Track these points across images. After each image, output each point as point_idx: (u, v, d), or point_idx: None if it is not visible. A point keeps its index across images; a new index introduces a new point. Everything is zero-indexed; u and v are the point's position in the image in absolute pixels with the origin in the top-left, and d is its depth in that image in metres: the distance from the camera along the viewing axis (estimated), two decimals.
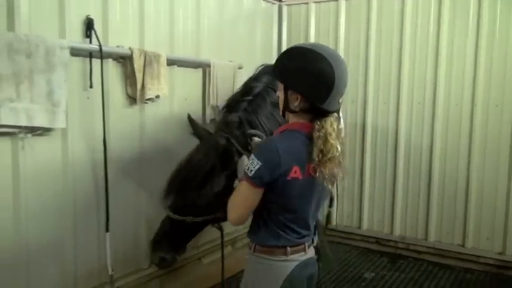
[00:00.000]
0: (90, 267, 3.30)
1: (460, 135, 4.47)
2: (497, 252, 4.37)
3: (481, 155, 4.39)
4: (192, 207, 2.25)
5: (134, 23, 3.46)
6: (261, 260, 1.95)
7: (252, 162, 1.79)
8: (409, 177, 4.79)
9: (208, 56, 4.16)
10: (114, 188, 3.39)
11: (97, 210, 3.29)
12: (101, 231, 3.29)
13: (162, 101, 3.67)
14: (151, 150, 3.71)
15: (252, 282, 1.99)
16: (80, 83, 3.11)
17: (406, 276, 4.35)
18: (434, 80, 4.56)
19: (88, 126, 3.19)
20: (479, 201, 4.44)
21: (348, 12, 5.00)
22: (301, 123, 1.89)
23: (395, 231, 4.88)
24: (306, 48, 1.85)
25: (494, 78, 4.27)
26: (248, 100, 2.70)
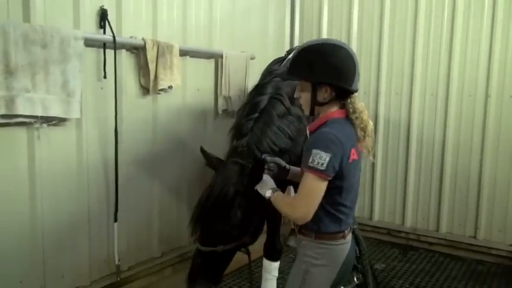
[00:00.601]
0: (103, 256, 3.34)
1: (473, 126, 4.43)
2: (510, 244, 4.35)
3: (494, 146, 4.35)
4: (221, 236, 2.26)
5: (147, 14, 3.47)
6: (323, 245, 2.04)
7: (319, 157, 1.86)
8: (421, 168, 4.76)
9: (220, 46, 4.15)
10: (127, 178, 3.43)
11: (109, 199, 3.33)
12: (112, 220, 3.33)
13: (174, 92, 3.68)
14: (164, 140, 3.73)
15: (313, 266, 2.04)
16: (94, 74, 3.14)
17: (417, 267, 4.34)
18: (447, 71, 4.50)
19: (102, 116, 3.22)
20: (491, 193, 4.40)
21: (361, 3, 4.95)
22: (336, 111, 2.03)
23: (406, 222, 4.87)
24: (320, 44, 1.99)
25: (508, 69, 4.21)
26: (254, 119, 2.65)
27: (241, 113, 2.86)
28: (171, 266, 3.91)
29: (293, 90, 2.75)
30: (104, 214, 3.31)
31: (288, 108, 2.67)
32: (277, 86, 2.78)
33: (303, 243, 2.08)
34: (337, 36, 5.09)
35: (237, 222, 2.23)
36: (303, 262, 2.08)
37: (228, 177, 2.27)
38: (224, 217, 2.22)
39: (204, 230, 2.25)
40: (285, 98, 2.71)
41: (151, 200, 3.69)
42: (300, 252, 2.12)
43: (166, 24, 3.62)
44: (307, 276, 2.04)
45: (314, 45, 2.00)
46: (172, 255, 3.91)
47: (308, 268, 2.05)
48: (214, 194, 2.22)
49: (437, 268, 4.33)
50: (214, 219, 2.21)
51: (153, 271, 3.74)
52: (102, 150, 3.25)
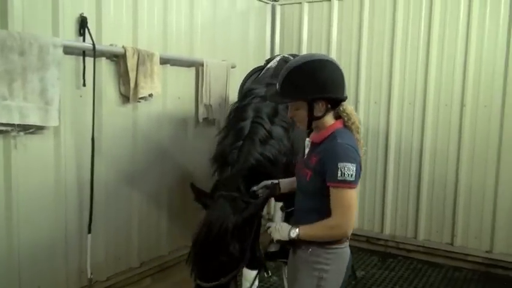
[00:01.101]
0: (80, 267, 3.28)
1: (450, 135, 4.52)
2: (485, 250, 4.43)
3: (469, 155, 4.44)
4: (222, 269, 2.25)
5: (128, 22, 3.46)
6: (331, 250, 2.06)
7: (347, 169, 1.93)
8: (399, 177, 4.83)
9: (201, 55, 4.16)
10: (106, 187, 3.39)
11: (83, 209, 3.27)
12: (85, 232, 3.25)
13: (155, 100, 3.67)
14: (144, 148, 3.71)
15: (326, 272, 2.06)
16: (73, 81, 3.11)
17: (396, 274, 4.39)
18: (424, 81, 4.60)
19: (81, 125, 3.18)
20: (467, 200, 4.49)
21: (341, 12, 5.02)
22: (336, 122, 2.10)
23: (385, 230, 4.93)
24: (306, 62, 2.01)
25: (483, 80, 4.32)
26: (238, 148, 2.66)
27: (223, 139, 2.83)
28: (150, 276, 3.88)
29: (273, 110, 2.79)
30: (81, 225, 3.26)
31: (269, 131, 2.70)
32: (257, 108, 2.79)
33: (310, 250, 2.07)
34: (316, 46, 5.16)
35: (237, 254, 2.24)
36: (314, 270, 2.07)
37: (223, 213, 2.27)
38: (225, 252, 2.22)
39: (205, 267, 2.24)
40: (265, 121, 2.73)
41: (131, 209, 3.66)
42: (308, 260, 2.09)
43: (146, 33, 3.61)
44: (322, 282, 2.06)
45: (300, 64, 2.02)
46: (152, 265, 3.88)
47: (322, 275, 2.06)
48: (214, 231, 2.21)
49: (415, 275, 4.38)
50: (215, 256, 2.21)
51: (132, 281, 3.70)
52: (80, 159, 3.21)
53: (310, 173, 2.05)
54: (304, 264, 2.10)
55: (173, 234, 4.08)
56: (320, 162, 2.01)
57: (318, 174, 2.01)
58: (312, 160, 2.06)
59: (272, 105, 2.82)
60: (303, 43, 5.24)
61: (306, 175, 2.07)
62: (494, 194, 4.35)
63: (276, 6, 5.36)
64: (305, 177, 2.08)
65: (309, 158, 2.10)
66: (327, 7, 5.08)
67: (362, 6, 4.86)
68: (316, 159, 2.03)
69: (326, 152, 2.01)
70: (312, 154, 2.10)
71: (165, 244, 4.02)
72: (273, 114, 2.81)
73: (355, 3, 4.92)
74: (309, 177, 2.05)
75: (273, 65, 3.40)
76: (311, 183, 2.05)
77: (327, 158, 1.99)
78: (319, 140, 2.09)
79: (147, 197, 3.80)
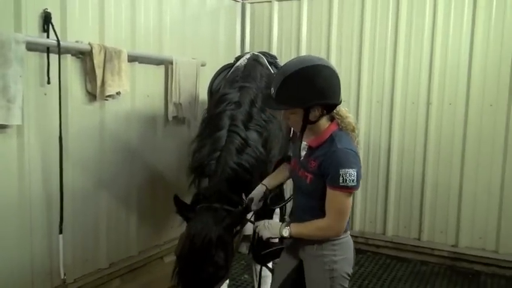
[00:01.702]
0: (47, 268, 3.20)
1: (416, 133, 4.62)
2: (451, 245, 4.55)
3: (435, 152, 4.56)
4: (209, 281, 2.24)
5: (94, 18, 3.39)
6: (336, 241, 2.12)
7: (348, 175, 1.96)
8: (367, 174, 4.90)
9: (170, 52, 4.12)
10: (73, 187, 3.32)
11: (53, 210, 3.20)
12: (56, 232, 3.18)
13: (123, 98, 3.62)
14: (112, 147, 3.65)
15: (335, 262, 2.12)
16: (37, 79, 3.03)
17: (365, 270, 4.46)
18: (392, 79, 4.68)
19: (45, 123, 3.10)
20: (433, 196, 4.60)
21: (310, 11, 5.06)
22: (331, 124, 2.10)
23: (355, 226, 4.99)
24: (302, 68, 1.97)
25: (448, 78, 4.44)
26: (216, 158, 2.65)
27: (199, 149, 2.79)
28: (119, 277, 3.82)
29: (247, 115, 2.81)
30: (48, 225, 3.18)
31: (245, 139, 2.70)
32: (232, 116, 2.78)
33: (316, 245, 2.13)
34: (286, 43, 5.20)
35: (222, 263, 2.25)
36: (324, 264, 2.12)
37: (206, 225, 2.26)
38: (210, 263, 2.21)
39: (192, 279, 2.22)
40: (241, 129, 2.73)
41: (98, 210, 3.59)
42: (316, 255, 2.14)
43: (114, 29, 3.55)
44: (334, 274, 2.12)
45: (297, 70, 1.97)
46: (121, 266, 3.82)
47: (332, 266, 2.12)
48: (197, 244, 2.21)
49: (384, 270, 4.46)
50: (200, 268, 2.20)
51: (101, 283, 3.64)
52: (45, 159, 3.12)
53: (310, 176, 2.09)
54: (313, 261, 2.16)
55: (143, 235, 4.04)
56: (321, 167, 2.04)
57: (320, 178, 2.05)
58: (311, 164, 2.08)
59: (247, 110, 2.85)
60: (273, 41, 5.25)
61: (306, 178, 2.11)
62: (459, 190, 4.46)
63: (246, 5, 5.36)
64: (305, 180, 2.12)
65: (307, 162, 2.12)
66: (297, 6, 5.11)
67: (331, 6, 4.91)
68: (316, 164, 2.06)
69: (326, 158, 2.02)
70: (310, 158, 2.11)
71: (135, 244, 3.96)
72: (247, 120, 2.82)
73: (324, 2, 4.96)
74: (309, 180, 2.09)
75: (243, 63, 3.39)
76: (313, 186, 2.09)
77: (328, 164, 2.00)
78: (317, 144, 2.10)
79: (116, 197, 3.74)
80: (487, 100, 4.29)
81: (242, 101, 2.88)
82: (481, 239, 4.42)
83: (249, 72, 3.22)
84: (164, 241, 4.29)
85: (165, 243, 4.29)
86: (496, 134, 4.28)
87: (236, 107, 2.85)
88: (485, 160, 4.34)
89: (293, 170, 2.26)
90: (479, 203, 4.40)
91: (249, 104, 2.90)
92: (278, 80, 2.02)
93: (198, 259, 2.20)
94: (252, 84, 3.07)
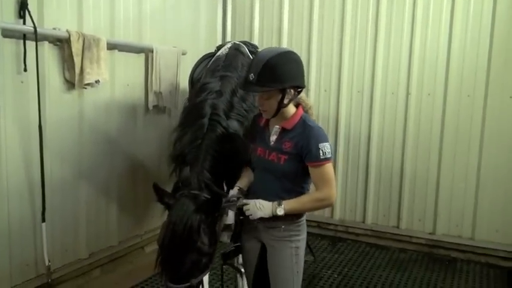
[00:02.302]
0: (26, 258, 3.17)
1: (396, 123, 4.69)
2: (428, 232, 4.65)
3: (414, 142, 4.63)
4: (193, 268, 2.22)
5: (72, 5, 3.33)
6: (300, 221, 2.33)
7: (326, 147, 2.19)
8: (348, 163, 4.96)
9: (150, 41, 4.08)
10: (51, 178, 3.27)
11: (33, 199, 3.16)
12: (37, 221, 3.17)
13: (102, 87, 3.57)
14: (92, 137, 3.60)
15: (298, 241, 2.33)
16: (14, 66, 2.96)
17: (345, 257, 4.53)
18: (372, 70, 4.73)
19: (22, 111, 3.05)
20: (412, 185, 4.69)
21: (291, 2, 5.05)
22: (297, 109, 2.31)
23: (335, 215, 5.06)
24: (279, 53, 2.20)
25: (427, 69, 4.51)
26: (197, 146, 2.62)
27: (180, 138, 2.76)
28: (99, 266, 3.80)
29: (229, 104, 2.83)
30: (27, 215, 3.14)
31: (225, 127, 2.72)
32: (213, 105, 2.78)
33: (283, 227, 2.28)
34: (268, 32, 5.20)
35: (206, 249, 2.25)
36: (291, 242, 2.30)
37: (186, 211, 2.25)
38: (193, 250, 2.21)
39: (175, 268, 2.21)
40: (223, 118, 2.74)
41: (78, 200, 3.55)
42: (283, 236, 2.29)
43: (92, 16, 3.49)
44: (298, 252, 2.32)
45: (276, 55, 2.18)
46: (101, 256, 3.80)
47: (297, 245, 2.32)
48: (179, 231, 2.19)
49: (363, 258, 4.54)
50: (184, 256, 2.19)
51: (81, 272, 3.62)
52: (23, 148, 3.07)
53: (284, 157, 2.24)
54: (281, 241, 2.30)
55: (123, 224, 4.01)
56: (297, 145, 2.21)
57: (294, 157, 2.22)
58: (286, 145, 2.24)
59: (228, 100, 2.85)
60: (254, 31, 5.24)
61: (280, 159, 2.25)
62: (437, 179, 4.56)
63: None
64: (278, 162, 2.25)
65: (281, 144, 2.26)
66: None
67: None
68: (291, 144, 2.23)
69: (303, 136, 2.22)
70: (284, 140, 2.26)
71: (115, 234, 3.94)
72: (228, 109, 2.82)
73: None
74: (283, 161, 2.24)
75: (224, 52, 3.38)
76: (286, 166, 2.24)
77: (307, 142, 2.20)
78: (291, 126, 2.28)
79: (96, 187, 3.70)
80: (465, 91, 4.37)
81: (223, 90, 2.87)
82: (458, 227, 4.53)
83: (230, 62, 3.21)
84: (145, 231, 4.27)
85: (146, 233, 4.27)
86: (473, 124, 4.37)
87: (217, 96, 2.85)
88: (462, 150, 4.43)
89: (259, 157, 2.34)
90: (456, 192, 4.50)
91: (230, 93, 2.90)
92: (257, 65, 2.18)
93: (180, 246, 2.19)
94: (233, 73, 3.07)
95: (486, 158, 4.34)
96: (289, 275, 2.30)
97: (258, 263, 2.41)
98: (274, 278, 2.32)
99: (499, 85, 4.23)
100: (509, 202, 4.28)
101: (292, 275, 2.30)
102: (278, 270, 2.31)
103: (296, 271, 2.31)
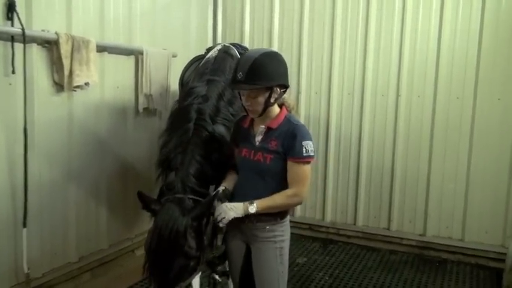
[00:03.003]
0: (9, 264, 3.10)
1: (386, 125, 4.71)
2: (419, 233, 4.67)
3: (404, 143, 4.66)
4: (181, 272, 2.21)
5: (61, 6, 3.30)
6: (283, 222, 2.36)
7: (309, 145, 2.24)
8: (339, 166, 4.97)
9: (140, 43, 4.06)
10: (40, 181, 3.24)
11: (17, 204, 3.10)
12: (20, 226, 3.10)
13: (92, 89, 3.54)
14: (81, 140, 3.58)
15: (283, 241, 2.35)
16: (1, 68, 2.93)
17: (336, 259, 4.53)
18: (362, 72, 4.75)
19: (10, 114, 3.01)
20: (402, 187, 4.71)
21: (282, 2, 5.06)
22: (282, 109, 2.36)
23: (326, 217, 5.06)
24: (266, 53, 2.26)
25: (416, 72, 4.53)
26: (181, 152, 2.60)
27: (166, 143, 2.75)
28: (89, 270, 3.77)
29: (215, 109, 2.82)
30: (10, 220, 3.08)
31: (211, 132, 2.71)
32: (199, 109, 2.76)
33: (268, 228, 2.30)
34: (258, 35, 5.20)
35: (193, 253, 2.24)
36: (275, 243, 2.33)
37: (172, 216, 2.24)
38: (181, 254, 2.20)
39: (163, 273, 2.20)
40: (208, 123, 2.72)
41: (67, 203, 3.52)
42: (267, 236, 2.32)
43: (82, 18, 3.47)
44: (282, 252, 2.34)
45: (263, 54, 2.23)
46: (91, 260, 3.77)
47: (281, 245, 2.34)
48: (165, 236, 2.18)
49: (354, 260, 4.54)
50: (171, 260, 2.18)
51: (70, 277, 3.58)
52: (8, 151, 3.03)
53: (270, 156, 2.27)
54: (265, 242, 2.32)
55: (113, 227, 3.98)
56: (284, 143, 2.25)
57: (280, 156, 2.25)
58: (272, 144, 2.28)
59: (214, 104, 2.84)
60: (245, 32, 5.23)
61: (266, 159, 2.27)
62: (427, 181, 4.58)
63: None
64: (264, 161, 2.28)
65: (267, 143, 2.29)
66: None
67: None
68: (278, 142, 2.26)
69: (288, 134, 2.26)
70: (270, 139, 2.29)
71: (105, 237, 3.91)
72: (214, 114, 2.81)
73: None
74: (269, 160, 2.27)
75: (213, 54, 3.37)
76: (272, 165, 2.27)
77: (291, 139, 2.24)
78: (276, 125, 2.31)
79: (85, 190, 3.67)
80: (454, 93, 4.40)
81: (209, 95, 2.86)
82: (448, 228, 4.55)
83: (219, 65, 3.20)
84: (135, 234, 4.24)
85: (136, 236, 4.24)
86: (462, 126, 4.40)
87: (203, 100, 2.83)
88: (452, 151, 4.46)
89: (244, 158, 2.36)
90: (446, 193, 4.52)
91: (217, 97, 2.88)
92: (245, 65, 2.22)
93: (166, 251, 2.18)
94: (220, 77, 3.06)
95: (475, 159, 4.37)
96: (275, 276, 2.31)
97: (244, 264, 2.42)
98: (260, 279, 2.33)
99: (487, 87, 4.27)
100: (498, 203, 4.31)
101: (277, 275, 2.32)
102: (263, 270, 2.32)
103: (281, 271, 2.33)
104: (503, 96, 4.22)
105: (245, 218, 2.26)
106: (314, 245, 4.90)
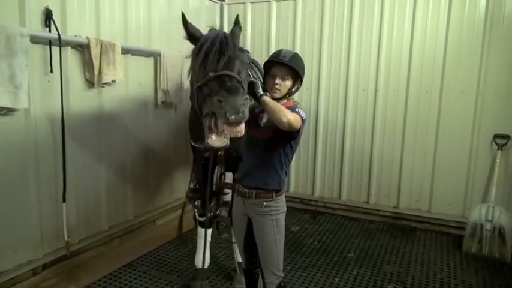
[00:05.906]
0: (54, 231, 3.15)
1: (366, 115, 4.69)
2: (393, 206, 4.69)
3: (381, 131, 4.64)
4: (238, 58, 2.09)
5: (91, 15, 3.28)
6: (279, 198, 2.35)
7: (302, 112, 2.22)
8: (326, 150, 4.97)
9: (159, 46, 4.03)
10: (75, 163, 3.25)
11: (58, 182, 3.12)
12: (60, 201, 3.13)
13: (118, 85, 3.53)
14: (109, 128, 3.58)
15: (278, 214, 2.33)
16: (41, 68, 2.93)
17: (324, 228, 4.56)
18: (346, 71, 4.71)
19: (49, 107, 3.01)
20: (379, 168, 4.71)
21: (279, 12, 5.01)
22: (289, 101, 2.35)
23: (315, 192, 5.08)
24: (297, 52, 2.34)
25: (392, 69, 4.50)
26: None
27: None
28: (118, 237, 3.80)
29: None
30: (53, 195, 3.12)
31: None
32: None
33: (265, 204, 2.30)
34: (258, 38, 5.15)
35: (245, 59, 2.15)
36: (271, 215, 2.32)
37: (220, 32, 2.11)
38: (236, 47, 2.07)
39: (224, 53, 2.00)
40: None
41: (99, 180, 3.54)
42: (265, 211, 2.31)
43: (108, 25, 3.44)
44: (278, 223, 2.33)
45: (296, 53, 2.33)
46: (119, 228, 3.80)
47: (277, 218, 2.33)
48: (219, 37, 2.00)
49: (339, 228, 4.57)
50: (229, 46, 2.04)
51: (102, 242, 3.62)
52: (50, 138, 3.04)
53: (271, 133, 2.23)
54: (263, 215, 2.33)
55: (137, 201, 4.01)
56: None
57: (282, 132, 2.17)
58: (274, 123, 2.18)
59: None
60: (247, 36, 5.19)
61: (269, 135, 2.25)
62: (400, 163, 4.58)
63: (224, 5, 5.25)
64: (268, 138, 2.26)
65: (271, 122, 2.19)
66: (267, 7, 5.04)
67: (296, 8, 4.88)
68: None
69: None
70: None
71: (131, 210, 3.93)
72: None
73: (290, 5, 4.92)
74: (273, 136, 2.24)
75: None
76: (275, 140, 2.26)
77: None
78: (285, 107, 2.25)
79: (114, 169, 3.69)
80: (424, 87, 4.38)
81: None
82: (417, 202, 4.57)
83: None
84: (156, 207, 4.27)
85: (156, 209, 4.27)
86: (430, 116, 4.38)
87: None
88: (421, 138, 4.45)
89: (251, 139, 2.33)
90: (416, 173, 4.53)
91: None
92: (288, 53, 2.28)
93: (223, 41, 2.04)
94: None
95: (441, 144, 4.37)
96: (272, 241, 2.33)
97: (247, 233, 2.43)
98: (261, 244, 2.35)
99: (452, 82, 4.24)
100: (459, 181, 4.32)
101: (275, 241, 2.33)
102: (263, 237, 2.34)
103: (278, 239, 2.34)
104: (465, 90, 4.20)
105: (247, 195, 2.32)
106: (305, 216, 4.93)
